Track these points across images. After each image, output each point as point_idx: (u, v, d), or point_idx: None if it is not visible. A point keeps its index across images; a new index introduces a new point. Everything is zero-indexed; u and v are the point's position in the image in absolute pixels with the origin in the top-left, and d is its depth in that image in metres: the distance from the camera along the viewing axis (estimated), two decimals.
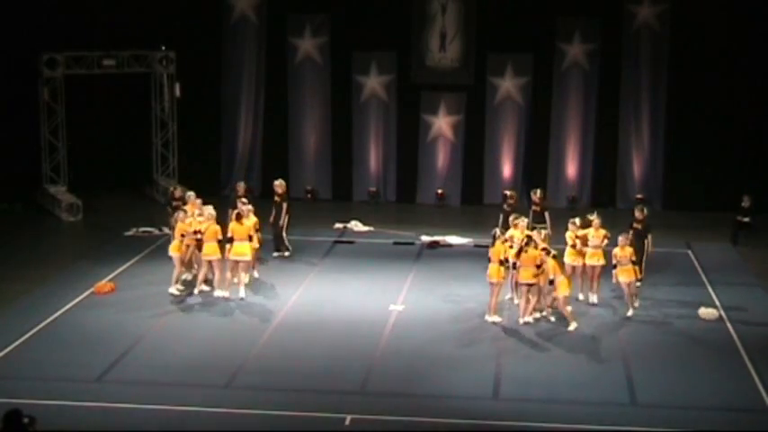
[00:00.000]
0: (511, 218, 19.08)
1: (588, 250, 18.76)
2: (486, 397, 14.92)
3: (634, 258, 18.28)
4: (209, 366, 15.85)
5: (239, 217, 19.04)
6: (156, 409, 14.24)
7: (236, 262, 18.88)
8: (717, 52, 25.95)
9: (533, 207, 21.19)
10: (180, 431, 13.54)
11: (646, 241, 19.83)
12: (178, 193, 21.44)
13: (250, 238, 18.92)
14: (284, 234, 21.62)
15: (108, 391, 14.87)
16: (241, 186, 21.57)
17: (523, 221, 18.56)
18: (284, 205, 21.64)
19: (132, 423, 13.85)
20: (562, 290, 17.46)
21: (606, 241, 18.87)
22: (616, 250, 18.25)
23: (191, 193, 20.43)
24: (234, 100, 28.19)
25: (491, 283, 17.73)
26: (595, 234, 18.84)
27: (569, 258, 18.69)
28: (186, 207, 19.81)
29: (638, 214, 20.07)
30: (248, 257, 18.99)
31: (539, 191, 21.58)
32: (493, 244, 17.88)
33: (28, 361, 15.96)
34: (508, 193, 21.80)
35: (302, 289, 19.59)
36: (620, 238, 18.38)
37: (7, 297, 19.04)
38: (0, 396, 13.88)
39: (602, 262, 18.77)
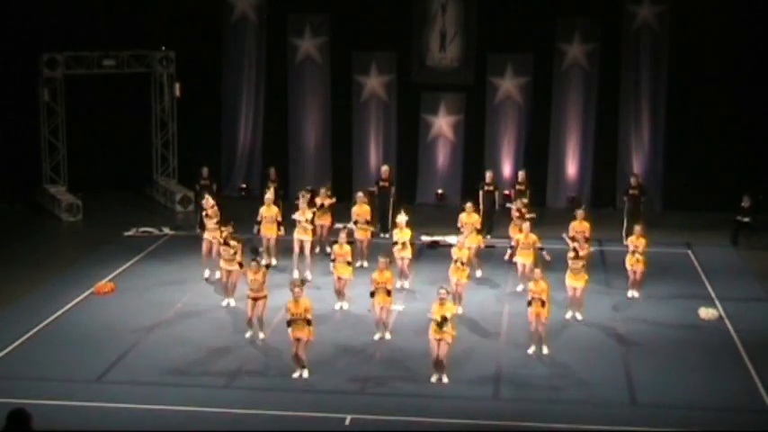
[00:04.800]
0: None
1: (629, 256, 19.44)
2: (486, 397, 14.93)
3: (646, 249, 19.33)
4: (209, 366, 15.87)
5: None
6: (156, 409, 14.26)
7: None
8: (717, 52, 25.92)
9: (517, 186, 23.55)
10: (180, 431, 13.55)
11: (641, 204, 23.12)
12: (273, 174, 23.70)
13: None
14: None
15: (108, 391, 14.89)
16: (272, 172, 23.85)
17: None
18: (392, 189, 23.64)
19: (132, 423, 13.86)
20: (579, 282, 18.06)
21: (646, 249, 19.44)
22: (632, 238, 19.46)
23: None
24: (234, 100, 28.17)
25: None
26: (636, 241, 19.35)
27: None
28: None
29: (633, 181, 23.45)
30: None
31: (522, 171, 24.20)
32: None
33: (28, 361, 15.99)
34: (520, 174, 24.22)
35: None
36: (637, 228, 19.56)
37: (7, 297, 19.05)
38: (0, 396, 13.89)
39: (641, 267, 19.32)
